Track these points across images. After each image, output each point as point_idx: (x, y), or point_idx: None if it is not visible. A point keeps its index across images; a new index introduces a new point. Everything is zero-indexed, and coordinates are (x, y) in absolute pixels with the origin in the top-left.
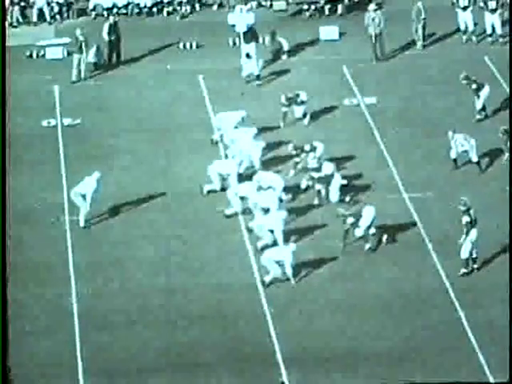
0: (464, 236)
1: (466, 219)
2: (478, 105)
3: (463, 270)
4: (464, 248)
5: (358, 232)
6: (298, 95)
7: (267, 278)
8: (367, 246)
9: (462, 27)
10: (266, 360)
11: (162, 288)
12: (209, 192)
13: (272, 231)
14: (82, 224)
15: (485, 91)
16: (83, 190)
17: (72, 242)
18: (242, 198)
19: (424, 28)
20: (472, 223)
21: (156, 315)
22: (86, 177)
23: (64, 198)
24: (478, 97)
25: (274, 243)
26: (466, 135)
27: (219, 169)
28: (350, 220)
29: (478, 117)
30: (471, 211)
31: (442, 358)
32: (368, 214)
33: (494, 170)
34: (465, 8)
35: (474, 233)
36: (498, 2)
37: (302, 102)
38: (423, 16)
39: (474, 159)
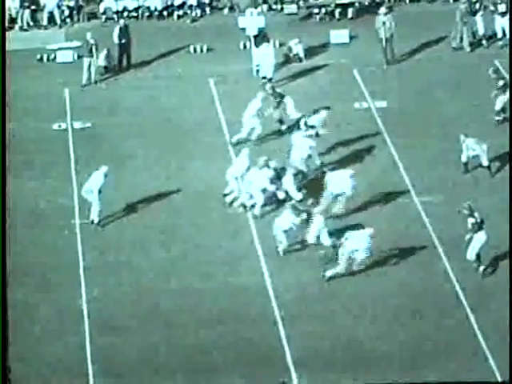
0: (470, 234)
1: (471, 221)
2: (498, 105)
3: (482, 267)
4: (471, 250)
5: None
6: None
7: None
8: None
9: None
10: (277, 363)
11: (172, 290)
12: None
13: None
14: (96, 220)
15: (508, 92)
16: (92, 185)
17: (82, 245)
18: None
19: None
20: (478, 225)
21: (167, 318)
22: (93, 172)
23: (74, 201)
24: (498, 96)
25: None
26: (477, 139)
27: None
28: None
29: (496, 118)
30: (476, 214)
31: (452, 361)
32: (317, 221)
33: (504, 174)
34: (475, 13)
35: (482, 235)
36: (507, 5)
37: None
38: (466, 18)
39: (485, 163)
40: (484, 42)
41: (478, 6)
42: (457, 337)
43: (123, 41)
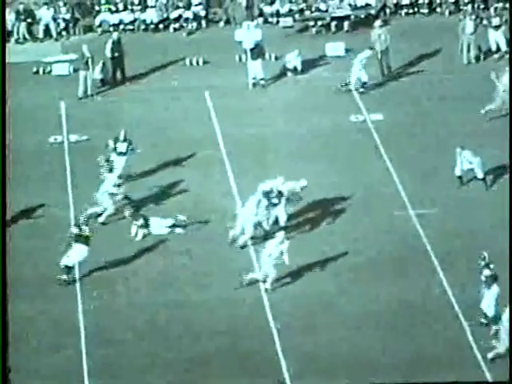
0: (484, 289)
1: (486, 273)
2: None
3: (484, 321)
4: (486, 303)
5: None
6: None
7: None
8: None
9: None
10: (273, 374)
11: (168, 303)
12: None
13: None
14: (101, 220)
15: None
16: (110, 185)
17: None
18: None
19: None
20: (493, 277)
21: (163, 330)
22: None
23: (71, 213)
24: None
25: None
26: (473, 152)
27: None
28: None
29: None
30: (491, 265)
31: (448, 373)
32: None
33: (499, 187)
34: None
35: (495, 288)
36: (501, 19)
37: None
38: (470, 31)
39: (480, 176)
40: (481, 55)
41: (478, 20)
42: (453, 349)
43: (116, 54)
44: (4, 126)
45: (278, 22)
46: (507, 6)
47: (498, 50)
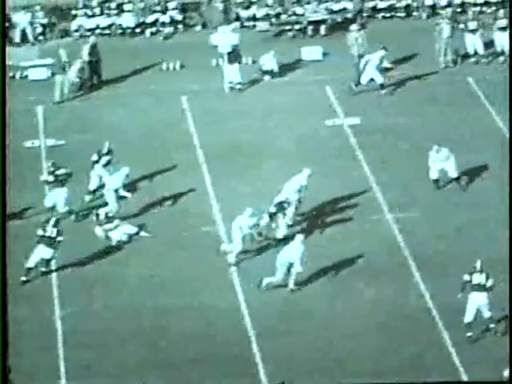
0: (463, 293)
1: (478, 280)
2: None
3: (468, 334)
4: (469, 312)
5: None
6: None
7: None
8: None
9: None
10: (251, 379)
11: (146, 308)
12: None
13: None
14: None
15: None
16: (114, 184)
17: (57, 261)
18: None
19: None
20: (481, 286)
21: (140, 336)
22: (115, 173)
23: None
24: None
25: None
26: (448, 150)
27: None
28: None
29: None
30: (483, 274)
31: (425, 376)
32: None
33: (476, 189)
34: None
35: (482, 297)
36: (478, 22)
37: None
38: (447, 35)
39: (454, 175)
40: (458, 59)
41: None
42: (430, 354)
43: (93, 59)
44: (4, 127)
45: (254, 26)
46: (484, 9)
47: (475, 53)
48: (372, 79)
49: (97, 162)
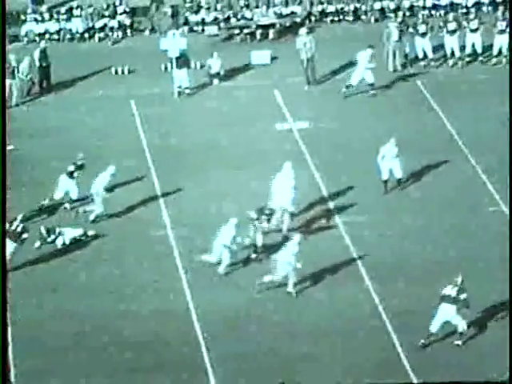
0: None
1: (448, 291)
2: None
3: (422, 342)
4: (435, 322)
5: None
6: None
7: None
8: None
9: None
10: None
11: (96, 313)
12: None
13: None
14: (91, 218)
15: None
16: (98, 185)
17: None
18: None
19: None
20: (451, 298)
21: (90, 340)
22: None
23: None
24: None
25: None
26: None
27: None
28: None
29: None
30: (456, 288)
31: (374, 377)
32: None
33: (422, 193)
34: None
35: (450, 310)
36: (427, 26)
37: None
38: (395, 38)
39: (399, 175)
40: (407, 63)
41: (406, 27)
42: (380, 358)
43: (43, 63)
44: (4, 127)
45: (203, 30)
46: (433, 13)
47: (425, 57)
48: (363, 79)
49: (71, 173)
